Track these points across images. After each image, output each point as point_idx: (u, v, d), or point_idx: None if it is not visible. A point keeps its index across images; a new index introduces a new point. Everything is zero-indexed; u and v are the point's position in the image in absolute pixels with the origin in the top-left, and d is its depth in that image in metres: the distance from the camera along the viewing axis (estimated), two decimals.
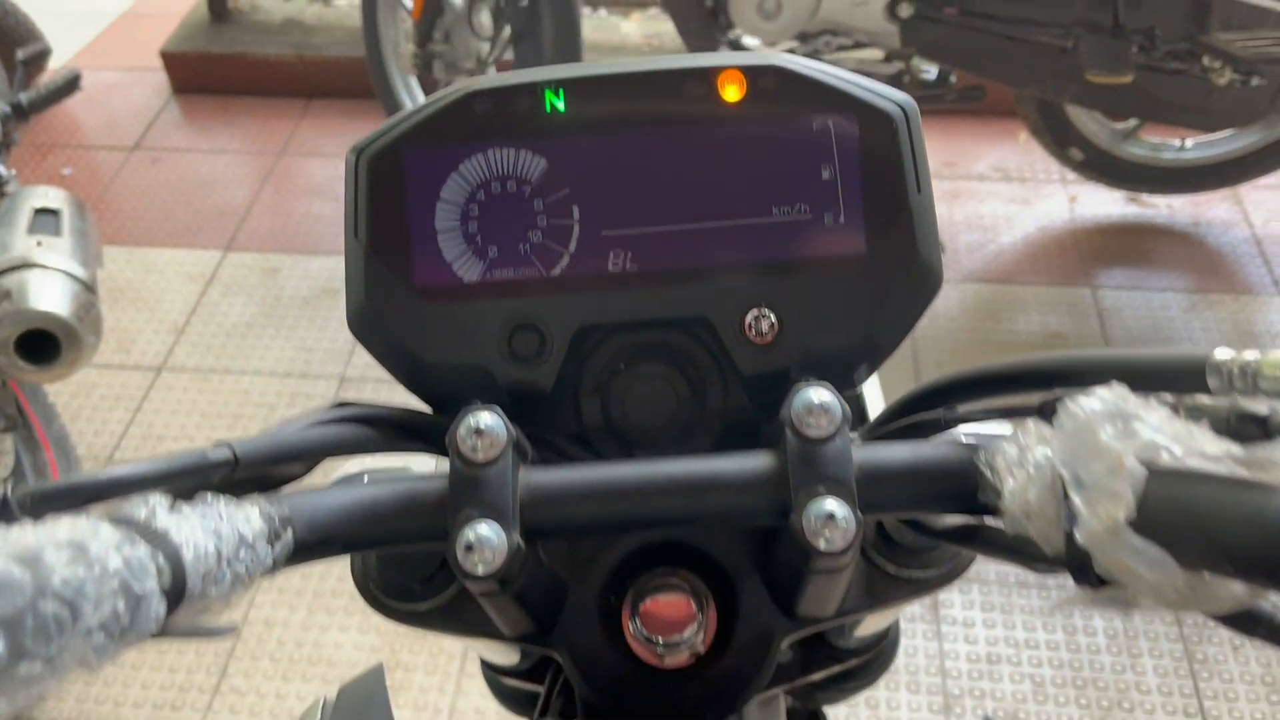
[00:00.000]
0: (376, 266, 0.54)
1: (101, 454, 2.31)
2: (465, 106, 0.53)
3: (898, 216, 0.52)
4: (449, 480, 0.46)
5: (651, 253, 0.53)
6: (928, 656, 1.91)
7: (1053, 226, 2.79)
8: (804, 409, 0.46)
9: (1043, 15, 2.21)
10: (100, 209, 2.95)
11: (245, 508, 0.42)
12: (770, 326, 0.53)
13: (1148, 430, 0.32)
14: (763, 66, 0.53)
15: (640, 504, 0.47)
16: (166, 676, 1.93)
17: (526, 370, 0.54)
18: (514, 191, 0.54)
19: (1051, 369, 0.47)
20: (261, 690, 1.91)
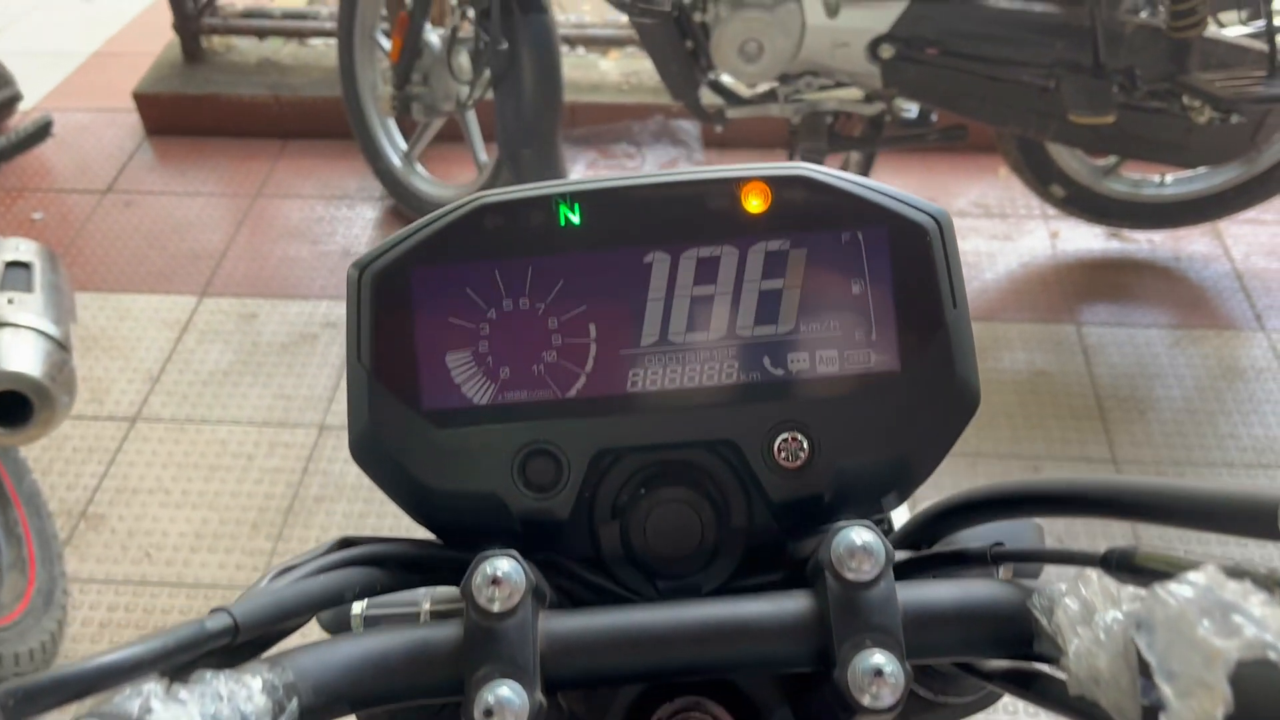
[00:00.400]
0: (381, 392, 0.51)
1: (76, 508, 2.25)
2: (475, 221, 0.50)
3: (932, 333, 0.50)
4: (464, 633, 0.44)
5: (673, 372, 0.51)
6: None
7: (1035, 262, 2.79)
8: (846, 551, 0.44)
9: (1023, 56, 2.21)
10: (73, 254, 2.90)
11: (247, 682, 0.39)
12: (801, 450, 0.50)
13: (1250, 626, 0.30)
14: (788, 177, 0.50)
15: (670, 653, 0.44)
16: None
17: (541, 498, 0.51)
18: (527, 309, 0.51)
19: (1099, 495, 0.45)
20: None
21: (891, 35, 2.23)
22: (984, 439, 2.32)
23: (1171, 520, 0.42)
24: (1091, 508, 0.45)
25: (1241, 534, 0.39)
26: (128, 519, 2.24)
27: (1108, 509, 0.45)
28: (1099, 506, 0.45)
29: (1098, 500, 0.45)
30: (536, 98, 2.43)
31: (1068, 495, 0.46)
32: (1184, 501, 0.41)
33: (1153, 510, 0.43)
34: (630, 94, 3.19)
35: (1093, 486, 0.45)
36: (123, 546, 2.19)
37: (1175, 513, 0.42)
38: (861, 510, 0.52)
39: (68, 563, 2.14)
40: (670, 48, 2.37)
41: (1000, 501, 0.50)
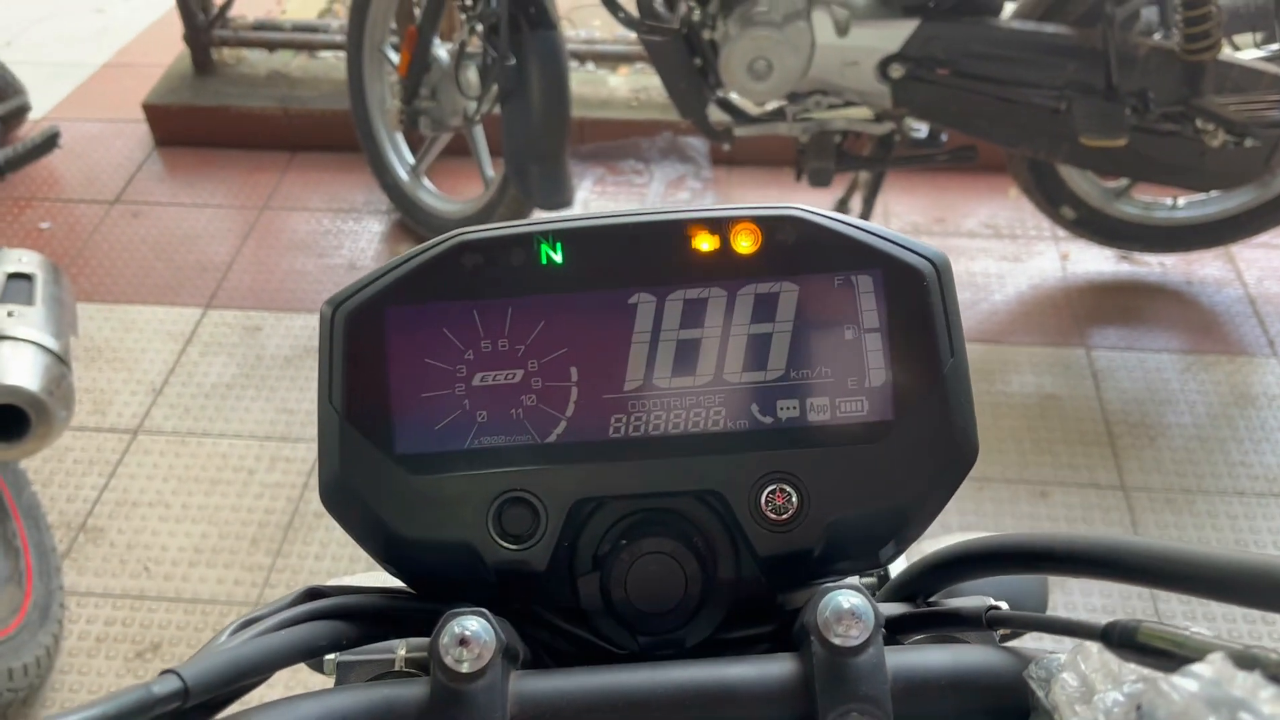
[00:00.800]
0: (353, 435, 0.49)
1: (75, 520, 2.24)
2: (453, 259, 0.49)
3: (929, 382, 0.48)
4: (430, 697, 0.42)
5: (657, 418, 0.49)
6: None
7: (1045, 285, 2.77)
8: (833, 616, 0.42)
9: (1035, 77, 2.20)
10: (79, 265, 2.90)
11: None
12: (790, 503, 0.48)
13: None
14: (780, 218, 0.48)
15: (648, 717, 0.42)
16: None
17: (518, 549, 0.49)
18: (506, 350, 0.49)
19: (1102, 556, 0.43)
20: None
21: (902, 55, 2.21)
22: (991, 464, 2.29)
23: (1179, 587, 0.40)
24: (1093, 569, 0.43)
25: (1253, 606, 0.37)
26: (127, 532, 2.23)
27: (1110, 571, 0.43)
28: (1101, 568, 0.43)
29: (1100, 561, 0.43)
30: (544, 114, 2.42)
31: (1068, 554, 0.44)
32: (1192, 568, 0.39)
33: (1159, 576, 0.40)
34: (639, 110, 3.18)
35: (1096, 546, 0.43)
36: (121, 560, 2.18)
37: (1183, 579, 0.40)
38: (854, 565, 0.50)
39: (66, 576, 2.13)
40: (679, 65, 2.36)
41: (1000, 556, 0.48)
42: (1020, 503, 2.21)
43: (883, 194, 2.95)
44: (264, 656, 0.42)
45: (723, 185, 3.13)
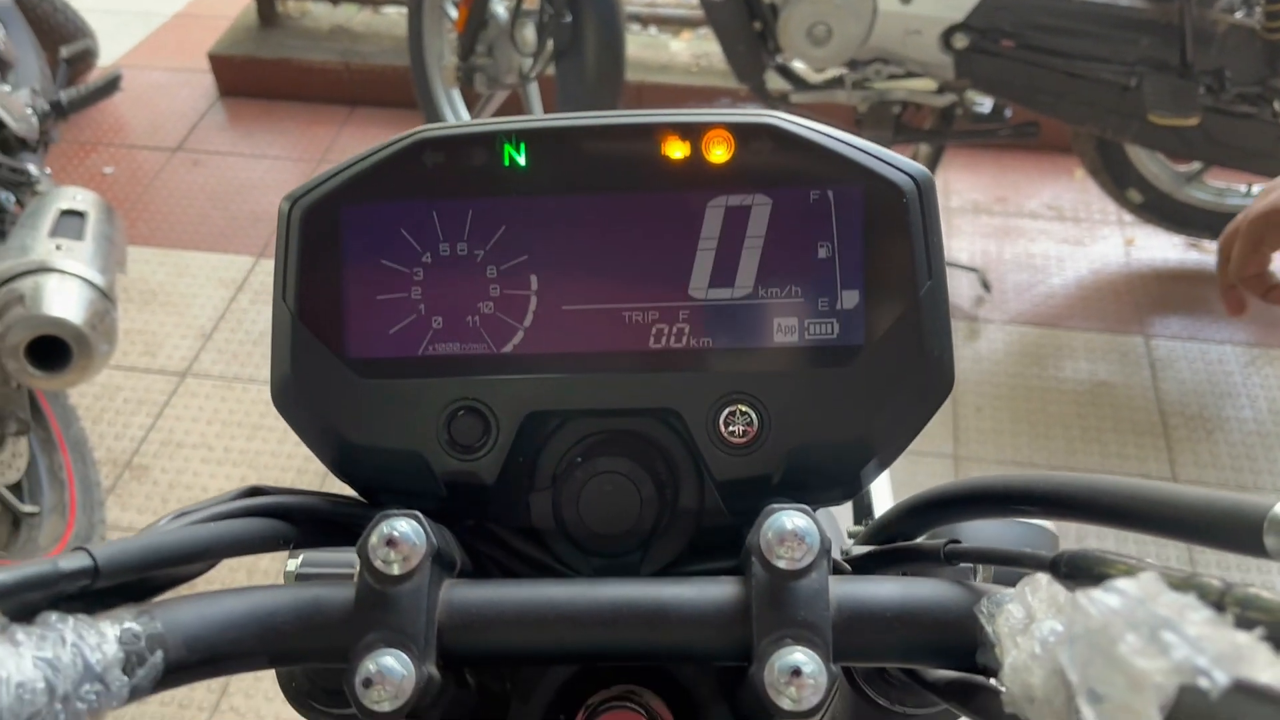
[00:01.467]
0: (305, 336, 0.47)
1: (121, 458, 2.29)
2: (413, 157, 0.47)
3: (904, 305, 0.45)
4: (356, 597, 0.40)
5: (617, 332, 0.47)
6: None
7: (1107, 270, 2.68)
8: (775, 537, 0.39)
9: (1105, 51, 2.12)
10: (138, 210, 2.95)
11: (100, 628, 0.36)
12: (749, 425, 0.46)
13: (1182, 645, 0.25)
14: (754, 125, 0.46)
15: (579, 635, 0.40)
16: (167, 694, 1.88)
17: (466, 460, 0.47)
18: (465, 255, 0.47)
19: (1076, 496, 0.40)
20: (261, 712, 1.86)
21: (967, 25, 2.15)
22: (1037, 449, 2.23)
23: (1149, 527, 0.37)
24: (1067, 509, 0.40)
25: (1224, 547, 0.34)
26: (170, 471, 2.27)
27: (1084, 512, 0.40)
28: (1075, 509, 0.40)
29: (1074, 502, 0.40)
30: (597, 73, 2.39)
31: (1045, 495, 0.42)
32: (1163, 507, 0.36)
33: (1129, 515, 0.38)
34: (699, 76, 3.13)
35: (1071, 486, 0.40)
36: (163, 498, 2.21)
37: (1153, 519, 0.37)
38: (817, 495, 0.47)
39: (109, 510, 2.17)
40: (738, 28, 2.31)
41: (977, 498, 0.45)
42: None
43: (943, 169, 2.88)
44: (185, 545, 0.40)
45: None
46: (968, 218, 2.84)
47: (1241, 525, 0.33)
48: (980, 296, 2.59)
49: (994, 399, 2.35)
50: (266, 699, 1.87)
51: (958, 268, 2.63)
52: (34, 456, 2.03)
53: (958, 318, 2.55)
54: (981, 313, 2.57)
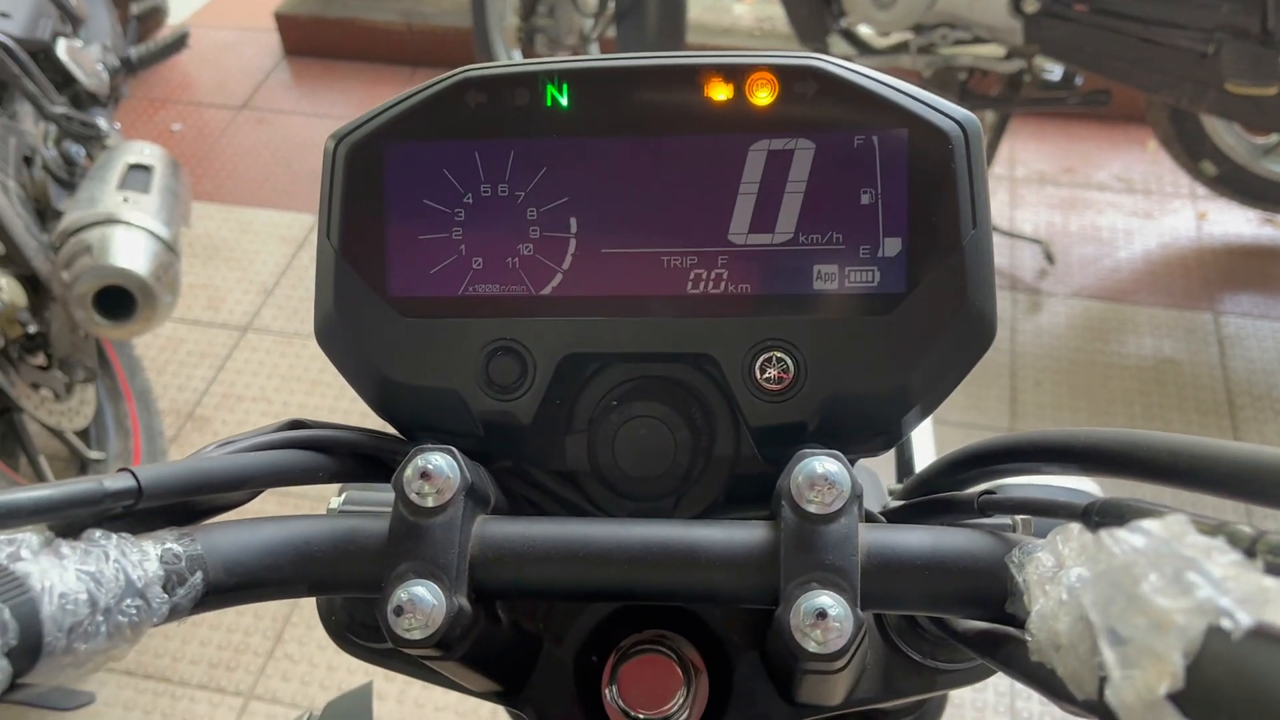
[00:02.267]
0: (348, 273, 0.48)
1: (184, 409, 2.34)
2: (456, 96, 0.47)
3: (947, 254, 0.44)
4: (390, 529, 0.41)
5: (656, 277, 0.46)
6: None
7: (1176, 244, 2.61)
8: (805, 481, 0.39)
9: (1183, 17, 2.05)
10: (204, 166, 3.00)
11: (143, 547, 0.37)
12: (785, 371, 0.45)
13: (1206, 586, 0.24)
14: (799, 67, 0.45)
15: (607, 573, 0.41)
16: (224, 636, 1.94)
17: (504, 400, 0.47)
18: (505, 196, 0.47)
19: (1117, 450, 0.39)
20: (314, 660, 1.91)
21: None
22: (1097, 425, 2.18)
23: (1194, 483, 0.36)
24: (1107, 465, 0.39)
25: (1270, 504, 0.33)
26: (230, 423, 2.31)
27: (1124, 467, 0.39)
28: (1115, 464, 0.39)
29: (1114, 457, 0.39)
30: (658, 36, 2.38)
31: (1086, 450, 0.41)
32: (1208, 462, 0.35)
33: (1172, 471, 0.37)
34: (762, 40, 3.10)
35: (1112, 440, 0.39)
36: None
37: (1198, 475, 0.36)
38: (853, 445, 0.47)
39: (170, 459, 2.23)
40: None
41: (1015, 452, 0.44)
42: None
43: (1010, 139, 2.82)
44: (228, 472, 0.41)
45: None
46: (1033, 188, 2.78)
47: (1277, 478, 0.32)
48: (1043, 269, 2.54)
49: (1054, 373, 2.31)
50: (320, 647, 1.92)
51: (1021, 239, 2.57)
52: (101, 405, 2.09)
53: (1020, 290, 2.50)
54: (1044, 285, 2.52)
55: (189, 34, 2.35)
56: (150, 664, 1.91)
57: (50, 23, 1.95)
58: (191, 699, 1.85)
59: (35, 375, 1.84)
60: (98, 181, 1.80)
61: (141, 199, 1.80)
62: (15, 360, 1.81)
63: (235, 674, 1.89)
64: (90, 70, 2.02)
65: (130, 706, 1.84)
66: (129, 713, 1.83)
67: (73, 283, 1.64)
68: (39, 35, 1.87)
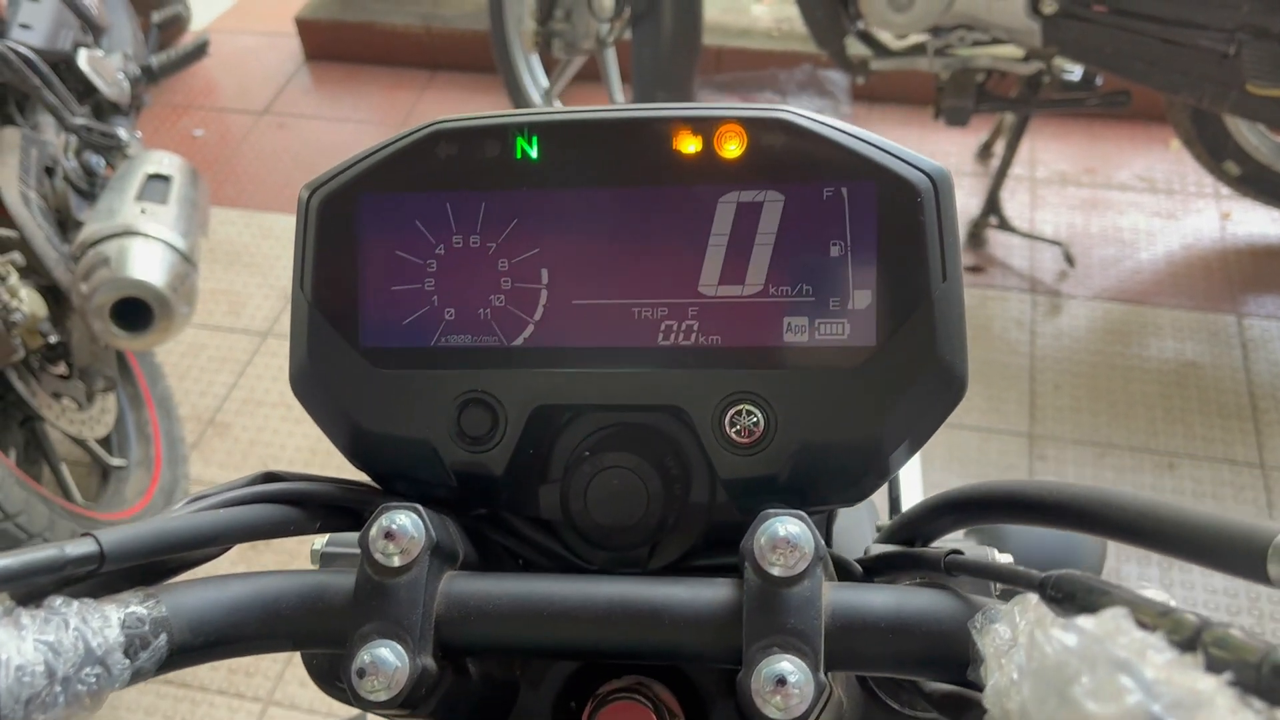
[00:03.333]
0: (321, 324, 0.48)
1: (205, 415, 2.37)
2: (427, 148, 0.47)
3: (916, 307, 0.44)
4: (354, 587, 0.41)
5: (626, 328, 0.46)
6: None
7: (1200, 245, 2.58)
8: (768, 543, 0.39)
9: (1204, 17, 2.02)
10: (226, 172, 3.02)
11: (105, 612, 0.37)
12: (755, 424, 0.45)
13: (1136, 690, 0.24)
14: (766, 119, 0.45)
15: (573, 631, 0.41)
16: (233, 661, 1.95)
17: (475, 451, 0.48)
18: (477, 247, 0.47)
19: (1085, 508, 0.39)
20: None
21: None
22: (1116, 429, 2.17)
23: (1157, 545, 0.36)
24: (1074, 521, 0.39)
25: (1228, 571, 0.33)
26: (250, 429, 2.34)
27: (1090, 524, 0.39)
28: (1082, 521, 0.39)
29: (1082, 514, 0.39)
30: (674, 40, 2.37)
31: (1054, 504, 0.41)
32: (1171, 526, 0.35)
33: (1138, 531, 0.37)
34: (780, 41, 3.08)
35: (1081, 498, 0.39)
36: (244, 455, 2.29)
37: (1161, 538, 0.36)
38: (826, 496, 0.47)
39: (192, 465, 2.25)
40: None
41: (989, 504, 0.44)
42: (1144, 473, 2.09)
43: (1030, 139, 2.80)
44: (194, 531, 0.42)
45: (861, 122, 3.01)
46: (1054, 189, 2.75)
47: (1246, 551, 0.32)
48: (1064, 270, 2.52)
49: (1074, 376, 2.29)
50: None
51: (1041, 240, 2.55)
52: (122, 412, 2.12)
53: (1040, 292, 2.48)
54: (1064, 287, 2.49)
55: (209, 42, 2.37)
56: None
57: (71, 33, 1.97)
58: (211, 704, 1.87)
59: (57, 385, 1.87)
60: (116, 193, 1.82)
61: (159, 210, 1.82)
62: (37, 370, 1.83)
63: (254, 680, 1.91)
64: (111, 79, 2.04)
65: (151, 711, 1.86)
66: (150, 717, 1.85)
67: (91, 294, 1.65)
68: (60, 46, 1.90)
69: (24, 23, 1.86)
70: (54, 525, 1.69)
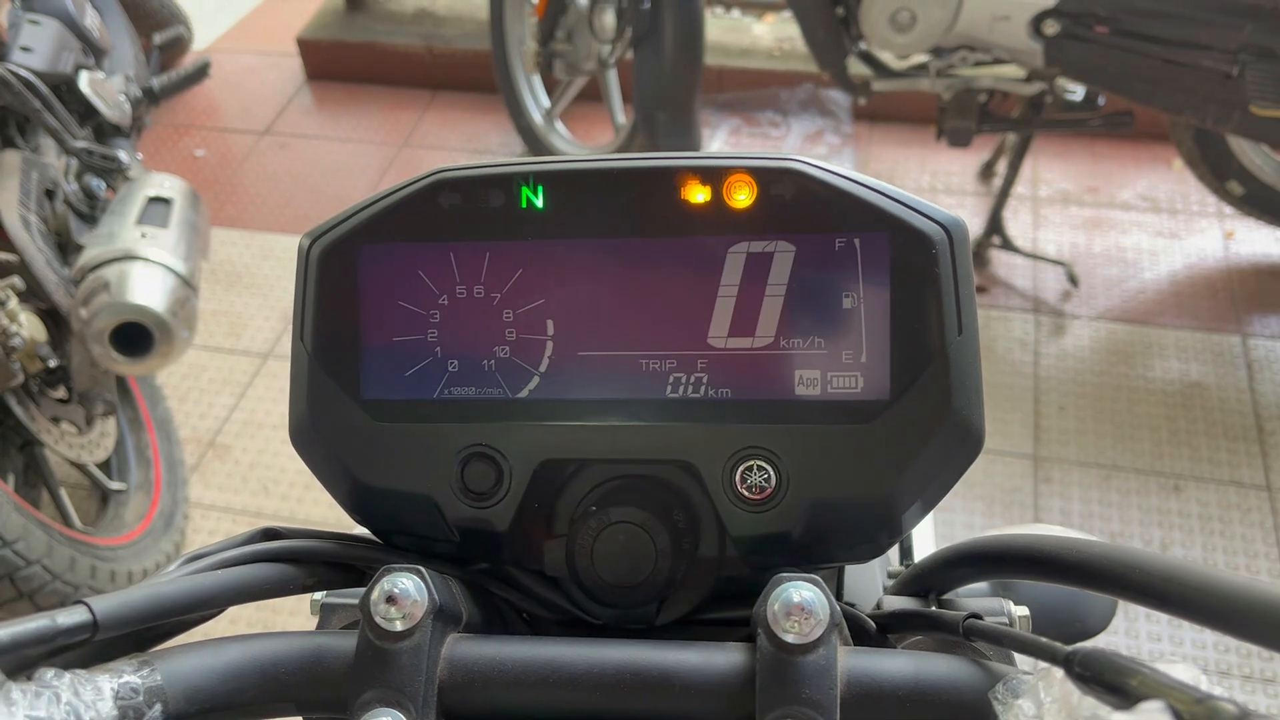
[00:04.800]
0: (321, 376, 0.47)
1: (205, 437, 2.35)
2: (430, 198, 0.46)
3: (931, 361, 0.43)
4: (355, 652, 0.40)
5: (634, 380, 0.45)
6: None
7: (1203, 265, 2.57)
8: (781, 610, 0.38)
9: (1206, 38, 2.02)
10: (227, 192, 3.02)
11: (98, 684, 0.36)
12: (766, 481, 0.44)
13: None
14: (777, 169, 0.44)
15: (580, 698, 0.40)
16: None
17: (479, 507, 0.46)
18: (481, 298, 0.46)
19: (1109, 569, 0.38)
20: None
21: (1058, 10, 2.07)
22: (1122, 451, 2.15)
23: (1184, 613, 0.35)
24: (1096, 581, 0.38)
25: (1256, 641, 0.32)
26: (251, 452, 2.32)
27: (1113, 586, 0.38)
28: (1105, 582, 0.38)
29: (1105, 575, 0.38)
30: (676, 61, 2.37)
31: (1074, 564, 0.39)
32: (1198, 593, 0.34)
33: (1162, 596, 0.36)
34: (781, 60, 3.08)
35: (1107, 558, 0.38)
36: (244, 478, 2.27)
37: (1188, 604, 0.35)
38: (840, 553, 0.46)
39: (191, 488, 2.24)
40: (819, 13, 2.26)
41: (1005, 558, 0.43)
42: (1150, 495, 2.07)
43: (1033, 159, 2.80)
44: (190, 595, 0.40)
45: (863, 141, 3.02)
46: (1056, 208, 2.75)
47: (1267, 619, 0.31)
48: (1067, 291, 2.51)
49: (1078, 398, 2.28)
50: None
51: (1044, 261, 2.54)
52: (122, 435, 2.11)
53: (1043, 312, 2.47)
54: (1068, 308, 2.48)
55: (210, 64, 2.37)
56: None
57: (73, 55, 1.96)
58: None
59: (56, 409, 1.86)
60: (117, 216, 1.82)
61: (159, 234, 1.81)
62: (36, 395, 1.82)
63: None
64: (113, 101, 2.03)
65: None
66: None
67: (90, 319, 1.65)
68: (61, 68, 1.89)
69: (25, 45, 1.86)
70: (52, 551, 1.67)
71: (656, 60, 2.38)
